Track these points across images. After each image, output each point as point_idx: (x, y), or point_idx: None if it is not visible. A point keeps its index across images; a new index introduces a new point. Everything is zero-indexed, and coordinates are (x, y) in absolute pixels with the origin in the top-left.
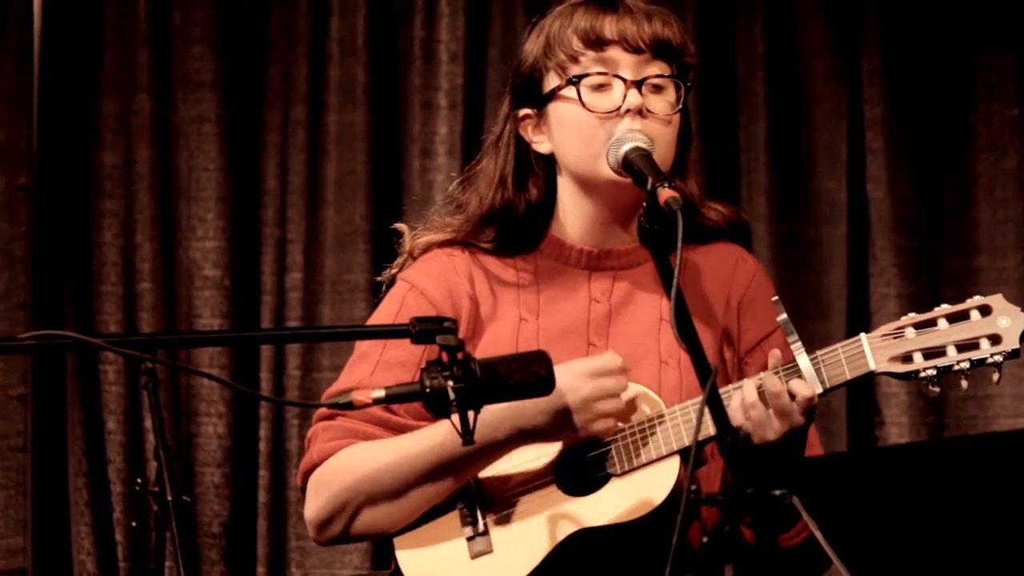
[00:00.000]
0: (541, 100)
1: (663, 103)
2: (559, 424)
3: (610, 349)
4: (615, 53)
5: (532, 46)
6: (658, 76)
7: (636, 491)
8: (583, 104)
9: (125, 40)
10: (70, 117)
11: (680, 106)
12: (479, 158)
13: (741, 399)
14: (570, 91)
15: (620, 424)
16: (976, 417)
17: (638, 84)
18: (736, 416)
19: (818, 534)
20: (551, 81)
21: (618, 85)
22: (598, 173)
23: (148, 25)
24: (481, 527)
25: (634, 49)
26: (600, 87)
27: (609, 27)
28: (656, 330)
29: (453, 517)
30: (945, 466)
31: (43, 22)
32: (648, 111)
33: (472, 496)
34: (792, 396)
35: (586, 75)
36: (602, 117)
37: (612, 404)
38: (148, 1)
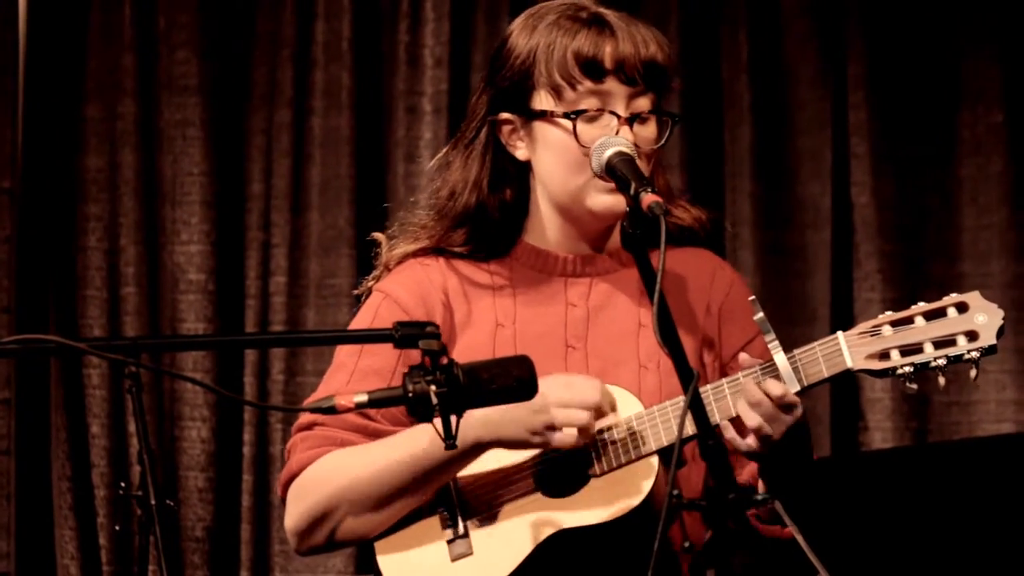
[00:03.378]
0: (527, 112)
1: (650, 134)
2: (526, 427)
3: (588, 357)
4: (611, 85)
5: (522, 49)
6: (651, 112)
7: (615, 491)
8: (578, 139)
9: (110, 44)
10: (55, 121)
11: (663, 142)
12: (449, 150)
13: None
14: (567, 123)
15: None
16: (960, 423)
17: (630, 121)
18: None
19: (800, 538)
20: (543, 100)
21: (611, 118)
22: (583, 205)
23: (133, 29)
24: (461, 529)
25: (629, 80)
26: (592, 118)
27: (609, 55)
28: (635, 334)
29: (433, 521)
30: (928, 471)
31: (28, 26)
32: (636, 145)
33: (452, 499)
34: (768, 396)
35: (584, 111)
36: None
37: (578, 415)
38: (133, 5)
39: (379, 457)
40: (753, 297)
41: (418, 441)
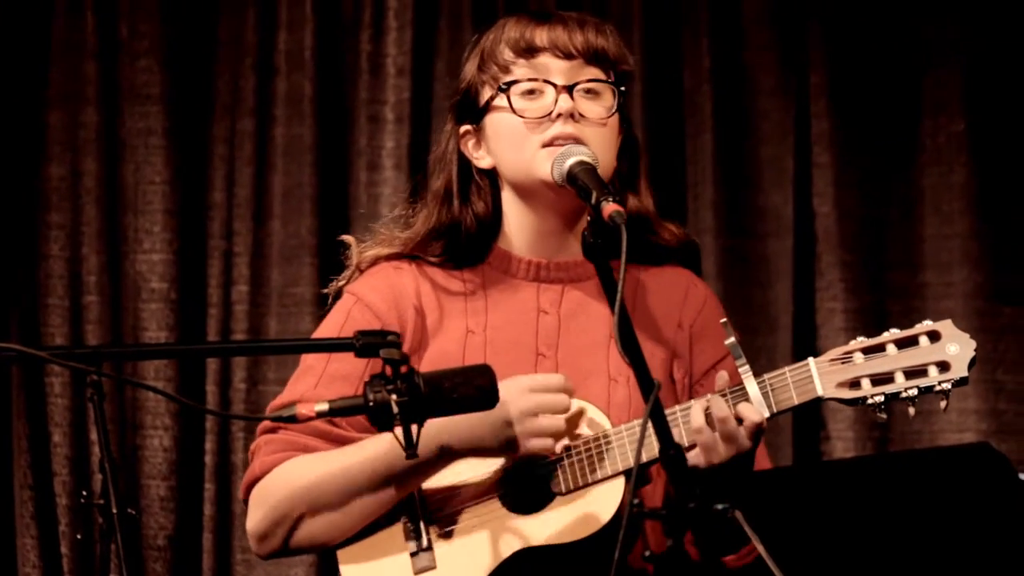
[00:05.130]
0: (478, 114)
1: (598, 108)
2: (496, 436)
3: (559, 366)
4: (546, 60)
5: (470, 64)
6: (591, 80)
7: (581, 511)
8: (513, 110)
9: (72, 52)
10: (17, 129)
11: (615, 110)
12: (426, 178)
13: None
14: (502, 100)
15: (562, 444)
16: (921, 432)
17: (569, 89)
18: (686, 438)
19: (761, 548)
20: (486, 94)
21: (550, 91)
22: (533, 175)
23: (95, 38)
24: (425, 543)
25: (565, 55)
26: (532, 93)
27: (540, 36)
28: (606, 347)
29: (397, 531)
30: (890, 480)
31: None
32: (581, 115)
33: (416, 511)
34: (740, 421)
35: (515, 81)
36: (534, 122)
37: (550, 421)
38: (95, 14)
39: (343, 464)
40: (725, 320)
41: (382, 449)
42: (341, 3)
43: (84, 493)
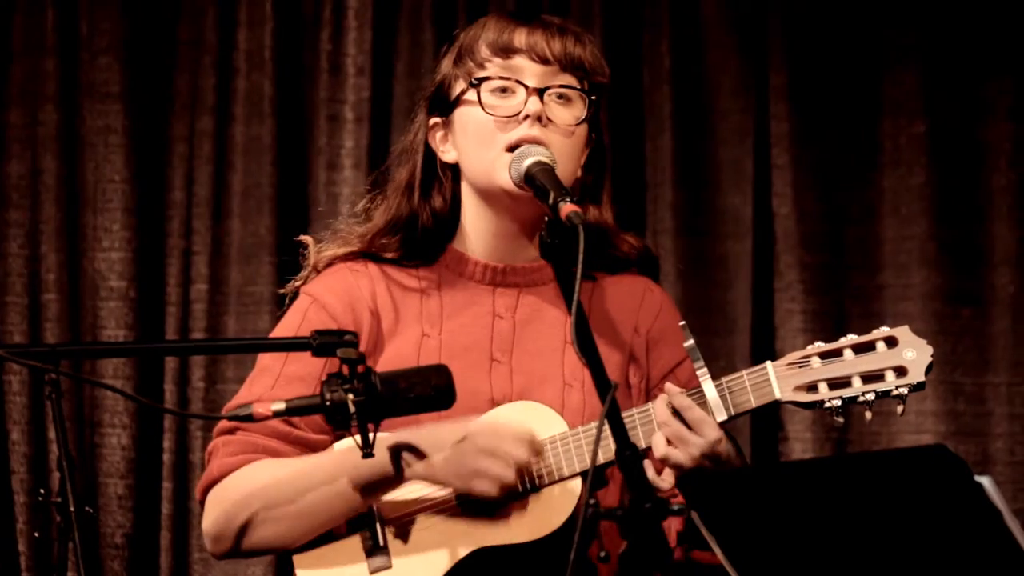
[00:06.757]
0: (448, 107)
1: (567, 114)
2: (450, 471)
3: (513, 371)
4: (521, 61)
5: (447, 59)
6: (563, 87)
7: (536, 511)
8: (482, 106)
9: (32, 50)
10: None
11: (583, 118)
12: (389, 170)
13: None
14: (473, 94)
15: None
16: (880, 433)
17: (540, 92)
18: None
19: (717, 550)
20: (457, 87)
21: (521, 91)
22: (494, 181)
23: (55, 35)
24: (381, 541)
25: (541, 60)
26: (503, 92)
27: (519, 37)
28: (560, 352)
29: (354, 532)
30: (847, 482)
31: None
32: (549, 119)
33: (373, 511)
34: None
35: (487, 78)
36: (501, 121)
37: (499, 467)
38: (55, 11)
39: (302, 473)
40: (683, 323)
41: (338, 462)
42: (301, 2)
43: (42, 491)
